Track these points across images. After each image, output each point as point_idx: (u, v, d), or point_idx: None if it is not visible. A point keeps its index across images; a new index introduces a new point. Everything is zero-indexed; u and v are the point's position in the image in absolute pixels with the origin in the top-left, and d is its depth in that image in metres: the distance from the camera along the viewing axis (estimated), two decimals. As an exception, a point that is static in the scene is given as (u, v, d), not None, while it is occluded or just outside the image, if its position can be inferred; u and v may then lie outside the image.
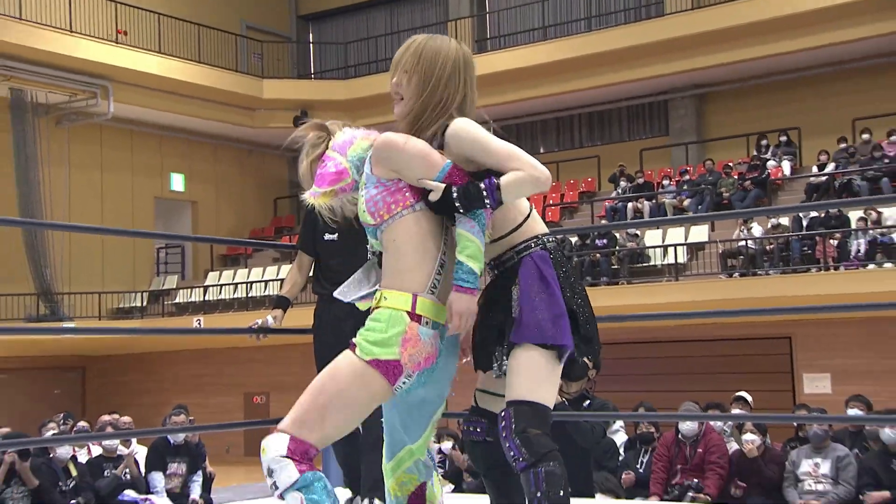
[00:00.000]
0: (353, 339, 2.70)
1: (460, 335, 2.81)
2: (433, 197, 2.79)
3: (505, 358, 2.94)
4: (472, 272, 2.67)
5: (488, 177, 2.76)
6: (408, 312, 2.67)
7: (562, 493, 2.85)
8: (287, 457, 2.61)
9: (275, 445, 2.60)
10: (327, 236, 5.00)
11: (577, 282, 3.11)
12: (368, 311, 3.87)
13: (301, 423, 2.64)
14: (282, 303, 5.02)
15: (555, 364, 2.89)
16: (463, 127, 2.84)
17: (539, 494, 2.81)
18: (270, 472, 2.60)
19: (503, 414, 2.86)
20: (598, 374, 6.41)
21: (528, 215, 3.08)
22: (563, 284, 2.97)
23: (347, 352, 2.68)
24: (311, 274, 5.09)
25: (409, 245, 2.72)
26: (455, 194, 2.73)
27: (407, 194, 2.72)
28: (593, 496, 6.58)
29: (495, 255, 3.03)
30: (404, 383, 2.68)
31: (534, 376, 2.86)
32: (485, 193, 2.73)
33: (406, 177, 2.76)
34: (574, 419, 6.48)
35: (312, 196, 2.86)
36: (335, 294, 3.11)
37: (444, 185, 2.76)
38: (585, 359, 6.06)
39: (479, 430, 3.13)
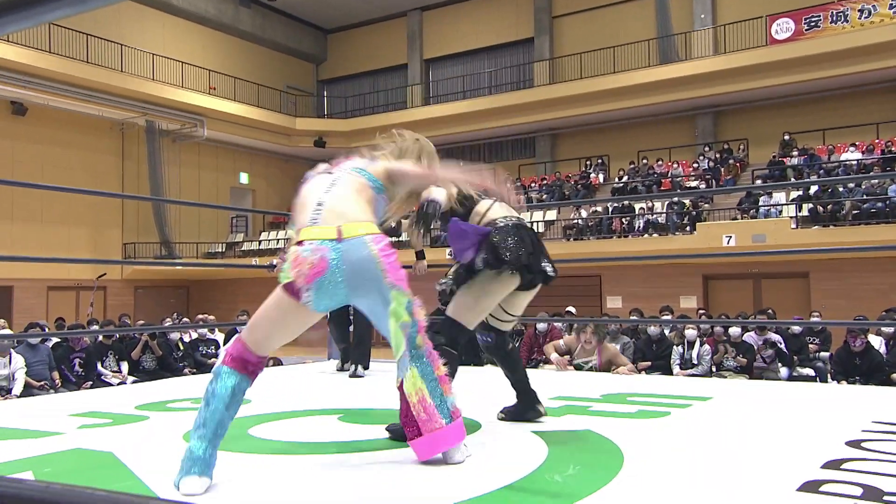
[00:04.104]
0: None
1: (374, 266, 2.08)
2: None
3: None
4: None
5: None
6: (297, 242, 2.15)
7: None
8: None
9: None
10: None
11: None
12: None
13: (248, 328, 2.15)
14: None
15: (485, 296, 2.81)
16: None
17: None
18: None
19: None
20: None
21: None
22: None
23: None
24: None
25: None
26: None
27: None
28: (483, 365, 6.25)
29: None
30: (308, 295, 2.08)
31: None
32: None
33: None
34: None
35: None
36: None
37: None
38: None
39: (489, 339, 2.95)
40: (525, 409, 2.97)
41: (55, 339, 8.28)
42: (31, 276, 16.79)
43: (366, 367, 4.66)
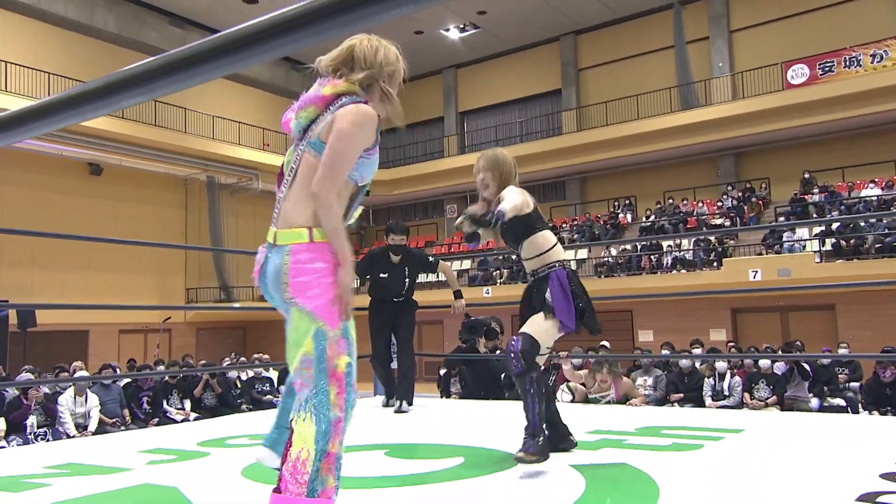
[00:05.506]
0: None
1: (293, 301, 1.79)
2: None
3: None
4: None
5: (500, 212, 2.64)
6: None
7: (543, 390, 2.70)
8: None
9: None
10: (381, 275, 4.74)
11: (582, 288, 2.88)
12: (403, 303, 4.66)
13: None
14: None
15: (555, 331, 2.76)
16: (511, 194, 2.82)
17: (532, 391, 2.66)
18: None
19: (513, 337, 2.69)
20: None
21: (554, 245, 2.91)
22: (577, 291, 2.84)
23: None
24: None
25: None
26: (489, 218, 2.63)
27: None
28: (503, 398, 6.14)
29: (535, 267, 2.86)
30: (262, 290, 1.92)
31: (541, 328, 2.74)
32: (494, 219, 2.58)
33: None
34: (488, 357, 6.44)
35: None
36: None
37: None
38: (493, 324, 6.51)
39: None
40: (557, 439, 2.88)
41: (126, 379, 8.39)
42: (105, 320, 17.12)
43: (410, 403, 4.61)
